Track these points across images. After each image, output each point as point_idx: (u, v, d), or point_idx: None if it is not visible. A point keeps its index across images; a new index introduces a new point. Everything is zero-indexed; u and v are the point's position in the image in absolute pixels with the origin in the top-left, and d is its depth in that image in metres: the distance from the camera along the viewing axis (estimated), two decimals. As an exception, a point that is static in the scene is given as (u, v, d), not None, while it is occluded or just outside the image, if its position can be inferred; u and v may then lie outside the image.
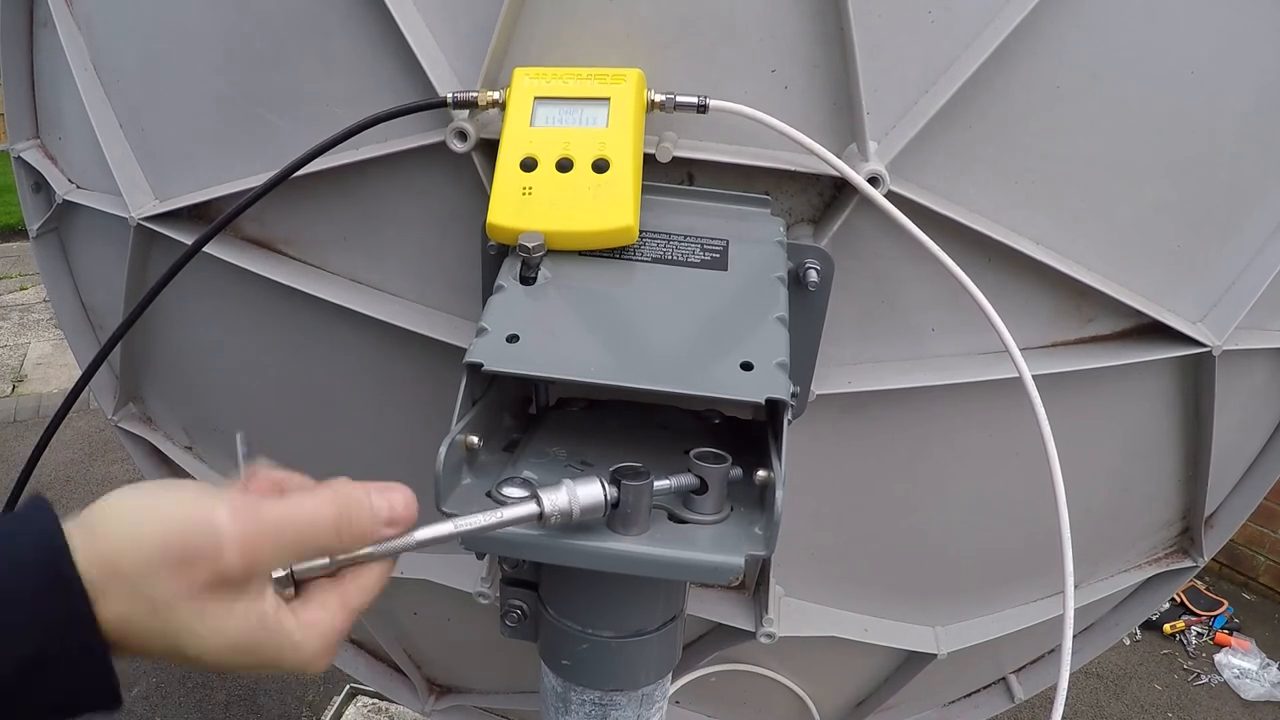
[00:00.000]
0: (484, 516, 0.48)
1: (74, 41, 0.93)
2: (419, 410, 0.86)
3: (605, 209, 0.62)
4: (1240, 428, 0.97)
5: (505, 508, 0.48)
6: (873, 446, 0.83)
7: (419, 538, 0.47)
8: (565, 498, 0.49)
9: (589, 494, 0.49)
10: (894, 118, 0.67)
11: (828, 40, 0.65)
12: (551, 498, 0.48)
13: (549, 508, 0.48)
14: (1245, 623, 3.11)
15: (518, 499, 0.50)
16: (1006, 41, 0.64)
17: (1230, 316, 0.80)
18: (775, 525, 0.51)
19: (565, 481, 0.49)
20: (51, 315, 5.09)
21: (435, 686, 1.25)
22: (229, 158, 0.82)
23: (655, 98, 0.64)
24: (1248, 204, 0.78)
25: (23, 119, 1.10)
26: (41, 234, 1.12)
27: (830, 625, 0.93)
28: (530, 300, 0.60)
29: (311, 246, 0.83)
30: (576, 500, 0.49)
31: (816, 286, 0.67)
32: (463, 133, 0.67)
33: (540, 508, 0.48)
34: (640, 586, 0.63)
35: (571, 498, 0.49)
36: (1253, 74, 0.72)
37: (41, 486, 3.08)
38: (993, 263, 0.73)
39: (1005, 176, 0.71)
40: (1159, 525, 1.04)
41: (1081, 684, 2.78)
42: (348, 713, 2.09)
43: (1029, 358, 0.72)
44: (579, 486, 0.49)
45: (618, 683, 0.67)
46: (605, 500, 0.49)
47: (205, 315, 0.93)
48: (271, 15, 0.74)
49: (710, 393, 0.54)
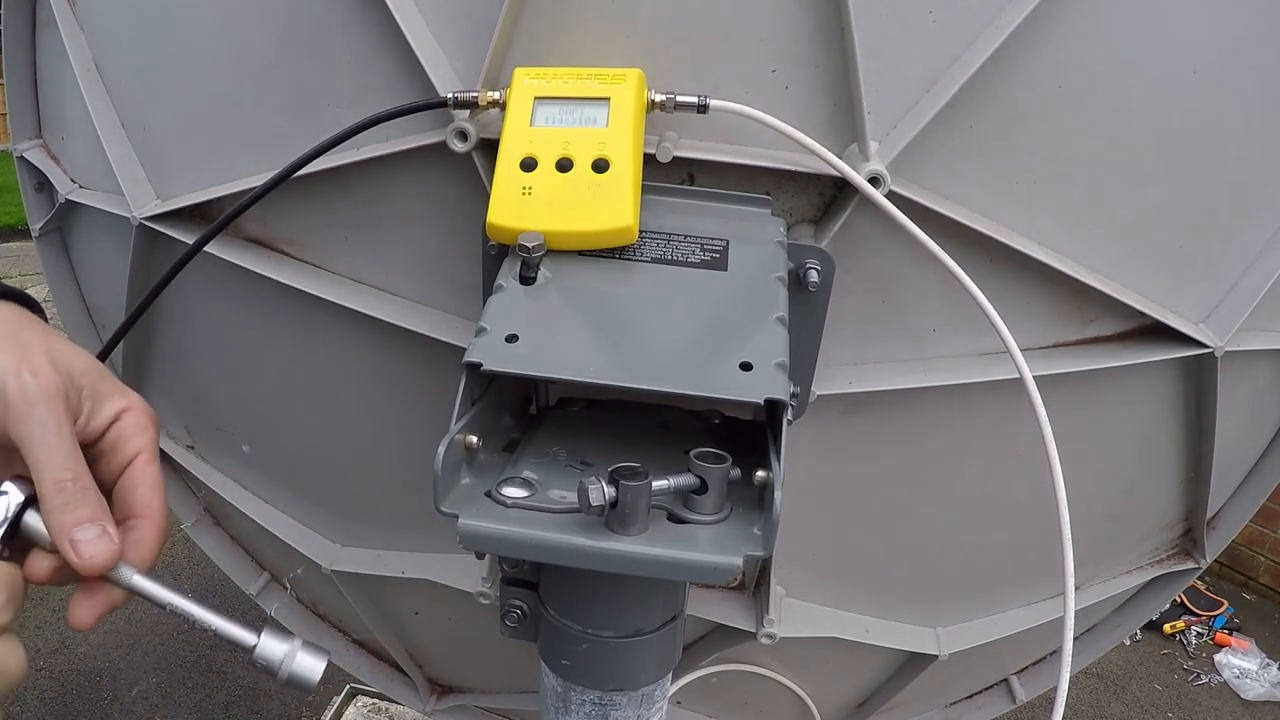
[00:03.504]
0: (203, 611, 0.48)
1: (76, 42, 0.93)
2: (419, 410, 0.86)
3: (605, 209, 0.62)
4: (1243, 429, 0.97)
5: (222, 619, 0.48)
6: (873, 447, 0.83)
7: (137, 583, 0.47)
8: (283, 651, 0.48)
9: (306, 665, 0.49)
10: (895, 118, 0.67)
11: (828, 40, 0.65)
12: (270, 643, 0.48)
13: (261, 649, 0.48)
14: (1245, 623, 3.11)
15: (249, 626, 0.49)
16: (1008, 41, 0.64)
17: (1233, 318, 0.80)
18: (774, 526, 0.51)
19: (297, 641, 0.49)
20: (53, 315, 5.09)
21: (436, 686, 1.25)
22: (230, 157, 0.82)
23: (655, 98, 0.64)
24: (1251, 205, 0.78)
25: (25, 119, 1.10)
26: (44, 233, 1.12)
27: (831, 626, 0.93)
28: (530, 300, 0.60)
29: (312, 246, 0.83)
30: (289, 663, 0.48)
31: (817, 287, 0.67)
32: (463, 133, 0.67)
33: (255, 640, 0.48)
34: (640, 586, 0.63)
35: (286, 655, 0.48)
36: (1258, 74, 0.72)
37: (44, 485, 3.08)
38: (994, 263, 0.73)
39: (1007, 177, 0.71)
40: (1161, 526, 1.04)
41: (1082, 684, 2.78)
42: (348, 713, 2.09)
43: (1030, 358, 0.72)
44: (305, 653, 0.49)
45: (618, 683, 0.67)
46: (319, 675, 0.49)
47: (207, 315, 0.93)
48: (272, 15, 0.74)
49: (709, 393, 0.54)
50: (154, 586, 0.47)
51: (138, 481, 0.49)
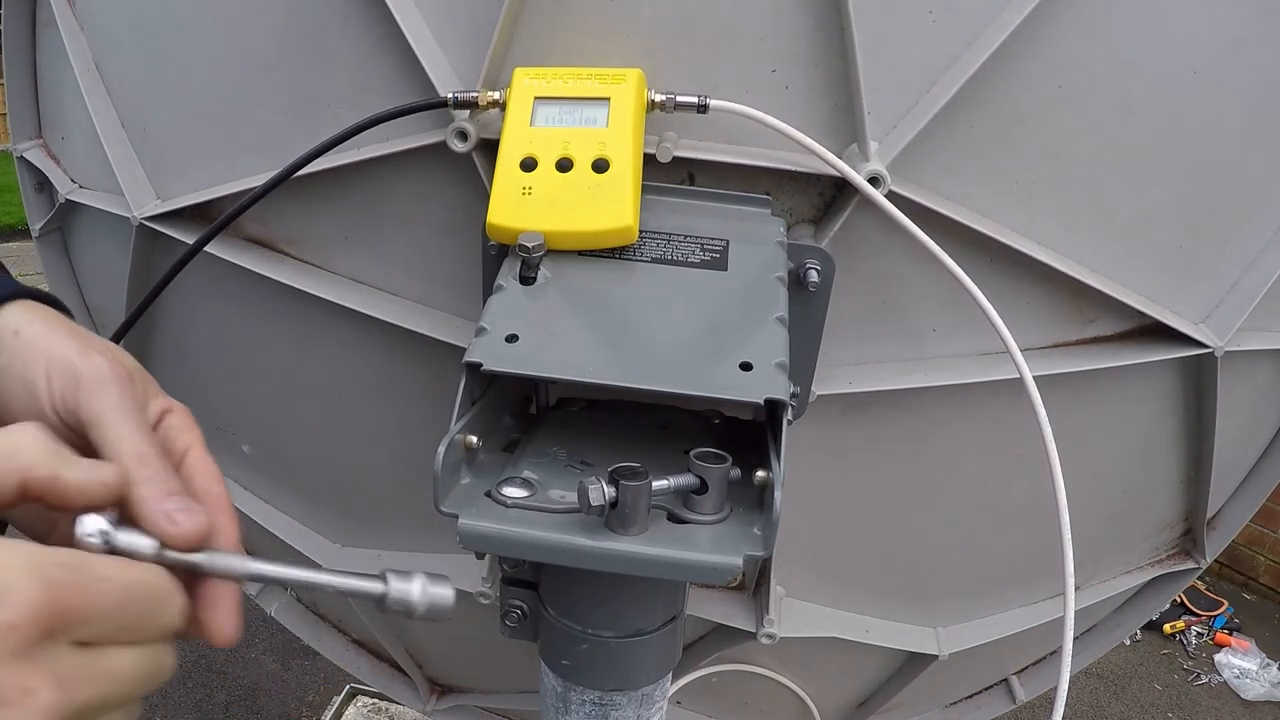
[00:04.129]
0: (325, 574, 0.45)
1: (76, 42, 0.93)
2: (419, 409, 0.86)
3: (605, 209, 0.62)
4: (1242, 429, 0.97)
5: (346, 576, 0.46)
6: (873, 447, 0.83)
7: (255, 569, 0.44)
8: (416, 589, 0.46)
9: (439, 594, 0.47)
10: (895, 118, 0.67)
11: (828, 40, 0.65)
12: (399, 585, 0.46)
13: (393, 593, 0.46)
14: (1245, 623, 3.11)
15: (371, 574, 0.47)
16: (1008, 41, 0.64)
17: (1233, 318, 0.80)
18: (774, 526, 0.51)
19: (420, 575, 0.47)
20: (54, 314, 5.08)
21: (437, 686, 1.25)
22: (230, 157, 0.82)
23: (655, 98, 0.64)
24: (1251, 205, 0.78)
25: (26, 119, 1.10)
26: (44, 233, 1.12)
27: (831, 626, 0.93)
28: (530, 300, 0.60)
29: (313, 246, 0.83)
30: (426, 597, 0.47)
31: (817, 287, 0.67)
32: (463, 133, 0.67)
33: (385, 588, 0.46)
34: (640, 586, 0.63)
35: (422, 592, 0.46)
36: (1258, 74, 0.72)
37: (44, 485, 3.08)
38: (994, 263, 0.73)
39: (1007, 177, 0.71)
40: (1161, 527, 1.04)
41: (1082, 684, 2.78)
42: (348, 713, 2.09)
43: (1030, 358, 0.72)
44: (432, 585, 0.47)
45: (618, 683, 0.67)
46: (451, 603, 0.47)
47: (207, 315, 0.93)
48: (272, 15, 0.74)
49: (709, 393, 0.54)
50: (270, 566, 0.45)
51: (195, 472, 0.47)
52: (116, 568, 0.39)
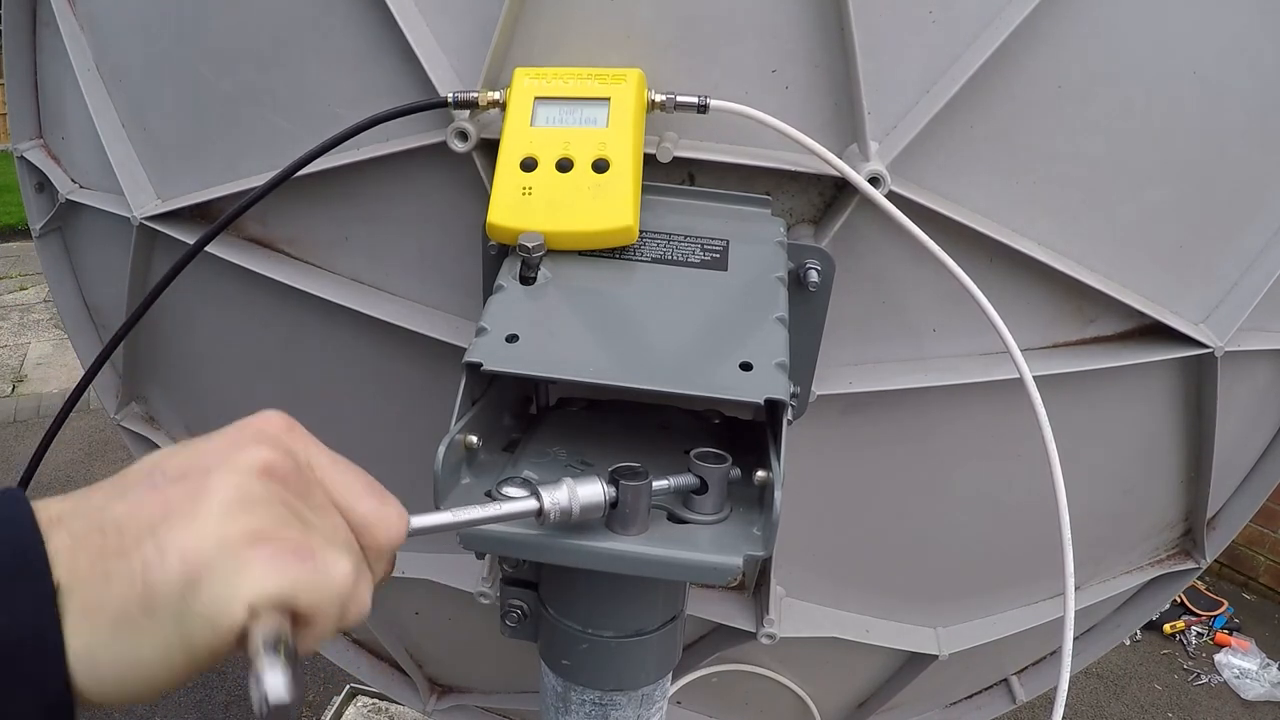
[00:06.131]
0: (483, 509, 0.47)
1: (77, 42, 0.93)
2: (419, 409, 0.86)
3: (605, 209, 0.62)
4: (1242, 429, 0.97)
5: (505, 502, 0.48)
6: (873, 447, 0.83)
7: (415, 524, 0.45)
8: (566, 495, 0.49)
9: (589, 493, 0.49)
10: (895, 118, 0.67)
11: (828, 40, 0.65)
12: (552, 495, 0.48)
13: (549, 504, 0.48)
14: (1245, 623, 3.11)
15: (518, 497, 0.50)
16: (1008, 41, 0.64)
17: (1233, 318, 0.80)
18: (774, 526, 0.51)
19: (566, 480, 0.49)
20: (52, 315, 5.10)
21: (437, 686, 1.25)
22: (231, 158, 0.82)
23: (655, 98, 0.64)
24: (1251, 205, 0.78)
25: (26, 119, 1.10)
26: (45, 233, 1.12)
27: (831, 626, 0.93)
28: (530, 300, 0.60)
29: (313, 246, 0.83)
30: (577, 498, 0.49)
31: (817, 287, 0.67)
32: (463, 133, 0.67)
33: (540, 504, 0.48)
34: (640, 586, 0.63)
35: (572, 496, 0.49)
36: (1256, 74, 0.72)
37: (41, 487, 3.09)
38: (994, 263, 0.73)
39: (1007, 177, 0.71)
40: (1161, 527, 1.04)
41: (1082, 684, 2.78)
42: (348, 713, 2.09)
43: (1030, 358, 0.72)
44: (580, 485, 0.49)
45: (618, 683, 0.67)
46: (605, 499, 0.49)
47: (208, 315, 0.93)
48: (273, 15, 0.74)
49: (710, 393, 0.54)
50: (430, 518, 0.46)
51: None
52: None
